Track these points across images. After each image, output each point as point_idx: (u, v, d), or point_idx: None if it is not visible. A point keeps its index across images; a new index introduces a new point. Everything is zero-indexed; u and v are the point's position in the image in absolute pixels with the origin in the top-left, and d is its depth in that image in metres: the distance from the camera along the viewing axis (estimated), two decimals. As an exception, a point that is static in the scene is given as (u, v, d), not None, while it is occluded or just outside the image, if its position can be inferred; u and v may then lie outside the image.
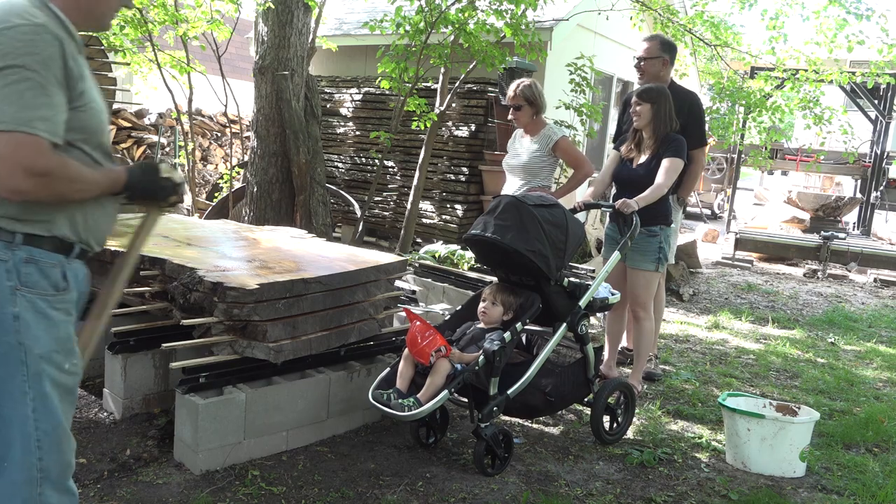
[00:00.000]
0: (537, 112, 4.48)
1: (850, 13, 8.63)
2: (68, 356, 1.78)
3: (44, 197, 1.65)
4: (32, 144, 1.57)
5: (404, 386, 3.13)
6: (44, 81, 1.59)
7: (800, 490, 3.26)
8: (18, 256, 1.68)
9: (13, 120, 1.55)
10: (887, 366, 5.43)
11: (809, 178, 18.82)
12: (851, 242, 10.31)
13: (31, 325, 1.69)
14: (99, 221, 1.85)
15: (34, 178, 1.58)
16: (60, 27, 1.69)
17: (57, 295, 1.74)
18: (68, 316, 1.78)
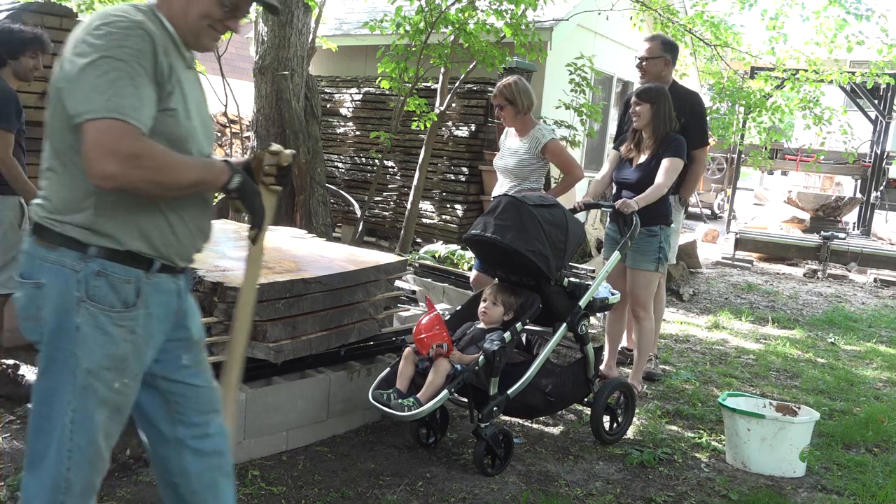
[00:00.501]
0: (521, 111, 4.29)
1: (850, 13, 8.63)
2: (121, 375, 1.74)
3: (135, 182, 1.59)
4: (120, 128, 1.55)
5: (404, 386, 3.13)
6: (133, 73, 1.58)
7: (800, 490, 3.26)
8: (90, 269, 1.67)
9: (102, 108, 1.55)
10: (887, 366, 5.43)
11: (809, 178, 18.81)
12: (851, 242, 10.31)
13: (87, 339, 1.68)
14: (181, 236, 1.79)
15: (122, 160, 1.55)
16: (161, 30, 1.70)
17: (122, 312, 1.71)
18: (131, 334, 1.74)
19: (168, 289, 1.82)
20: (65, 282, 1.67)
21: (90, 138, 1.55)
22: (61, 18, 4.81)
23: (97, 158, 1.54)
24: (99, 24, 1.61)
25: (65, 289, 1.67)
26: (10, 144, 3.40)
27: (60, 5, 5.09)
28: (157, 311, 1.80)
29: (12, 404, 3.52)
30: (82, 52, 1.58)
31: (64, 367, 1.69)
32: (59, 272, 1.67)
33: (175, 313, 1.88)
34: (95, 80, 1.56)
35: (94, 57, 1.57)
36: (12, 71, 3.52)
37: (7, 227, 3.53)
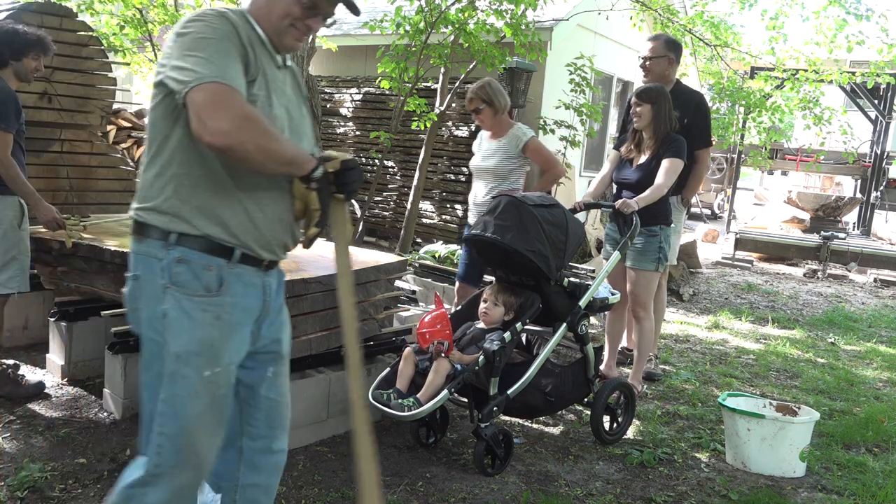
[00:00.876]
0: (498, 112, 4.23)
1: (850, 13, 8.64)
2: (211, 363, 1.73)
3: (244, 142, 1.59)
4: (230, 90, 1.60)
5: (404, 386, 3.13)
6: (227, 49, 1.65)
7: (800, 490, 3.26)
8: (172, 256, 1.70)
9: (208, 75, 1.59)
10: (887, 366, 5.43)
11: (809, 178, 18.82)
12: (851, 242, 10.31)
13: (173, 324, 1.70)
14: (260, 224, 1.78)
15: (233, 118, 1.57)
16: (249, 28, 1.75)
17: (206, 297, 1.72)
18: (217, 321, 1.74)
19: (252, 282, 1.81)
20: (151, 271, 1.72)
21: (199, 99, 1.57)
22: (61, 18, 4.81)
23: (209, 115, 1.56)
24: (186, 20, 1.70)
25: (152, 278, 1.72)
26: (9, 145, 3.40)
27: (60, 5, 5.09)
28: (242, 301, 1.79)
29: (12, 404, 3.52)
30: (176, 42, 1.65)
31: (156, 356, 1.73)
32: (147, 262, 1.73)
33: (261, 311, 1.86)
34: (195, 58, 1.60)
35: (187, 42, 1.63)
36: (14, 71, 3.52)
37: (7, 227, 3.53)
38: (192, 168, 1.70)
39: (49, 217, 3.60)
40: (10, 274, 3.56)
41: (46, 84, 4.64)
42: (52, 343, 3.99)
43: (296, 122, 1.88)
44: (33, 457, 3.00)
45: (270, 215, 1.80)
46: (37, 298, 4.31)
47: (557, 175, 4.29)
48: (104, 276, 3.68)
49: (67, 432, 3.27)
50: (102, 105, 5.10)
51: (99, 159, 5.11)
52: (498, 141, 4.25)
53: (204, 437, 1.77)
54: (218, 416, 1.79)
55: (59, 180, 4.85)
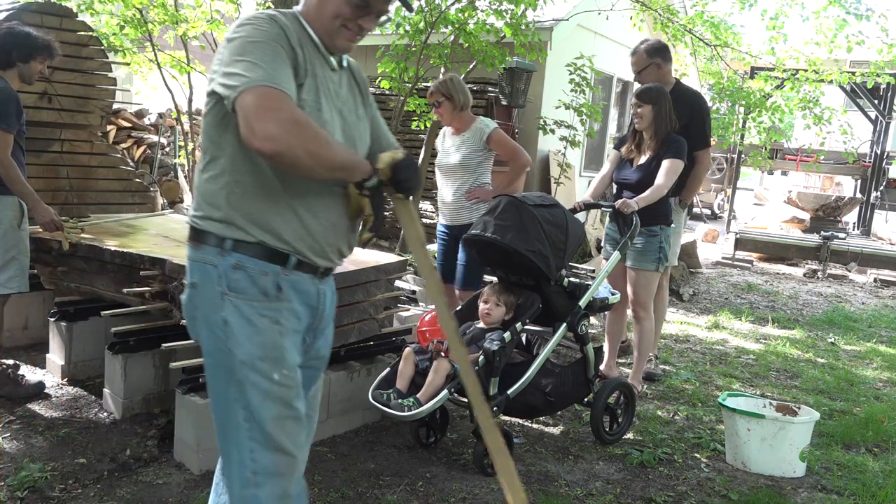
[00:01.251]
0: (458, 107, 4.18)
1: (850, 13, 8.64)
2: (278, 365, 1.71)
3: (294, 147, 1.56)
4: (279, 94, 1.58)
5: (404, 386, 3.13)
6: (276, 51, 1.63)
7: (800, 490, 3.26)
8: (227, 262, 1.69)
9: (257, 79, 1.57)
10: (887, 366, 5.43)
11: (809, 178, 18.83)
12: (851, 242, 10.31)
13: (235, 331, 1.69)
14: (313, 230, 1.74)
15: (282, 122, 1.54)
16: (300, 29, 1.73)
17: (265, 302, 1.71)
18: (276, 325, 1.72)
19: (307, 289, 1.79)
20: (209, 278, 1.71)
21: (248, 103, 1.55)
22: (61, 18, 4.81)
23: (258, 119, 1.54)
24: (236, 25, 1.69)
25: (210, 285, 1.70)
26: (10, 145, 3.40)
27: (60, 5, 5.09)
28: (297, 307, 1.77)
29: (12, 404, 3.52)
30: (226, 48, 1.64)
31: (222, 365, 1.72)
32: (204, 269, 1.71)
33: (313, 320, 1.84)
34: (243, 63, 1.59)
35: (235, 47, 1.62)
36: (18, 73, 3.53)
37: (7, 227, 3.53)
38: (244, 175, 1.68)
39: (47, 218, 3.60)
40: (9, 274, 3.57)
41: (46, 84, 4.64)
42: (52, 343, 3.99)
43: (350, 126, 1.83)
44: (33, 457, 3.00)
45: (324, 222, 1.76)
46: (37, 298, 4.31)
47: (523, 165, 4.23)
48: (104, 276, 3.68)
49: (67, 432, 3.27)
50: (102, 105, 5.09)
51: (99, 159, 5.11)
52: (461, 136, 4.23)
53: (289, 437, 1.74)
54: (297, 415, 1.76)
55: (59, 180, 4.85)
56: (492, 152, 4.21)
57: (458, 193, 4.20)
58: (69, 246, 3.70)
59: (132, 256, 3.49)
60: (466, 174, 4.19)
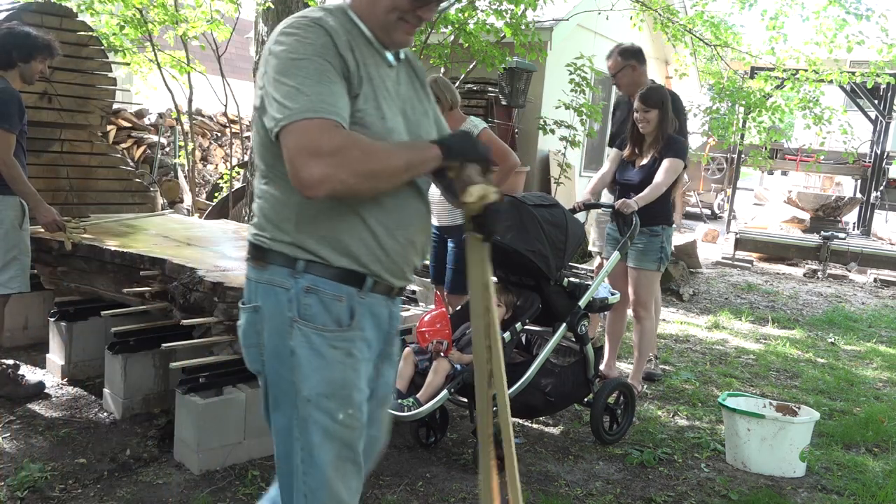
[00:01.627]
0: (447, 107, 4.11)
1: (850, 13, 8.63)
2: (343, 405, 1.58)
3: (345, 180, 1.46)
4: (316, 126, 1.45)
5: (403, 386, 3.13)
6: (320, 68, 1.49)
7: (800, 490, 3.26)
8: (300, 285, 1.56)
9: (296, 111, 1.46)
10: (887, 366, 5.43)
11: (809, 178, 18.82)
12: (851, 242, 10.31)
13: (302, 363, 1.56)
14: (390, 250, 1.62)
15: (325, 158, 1.43)
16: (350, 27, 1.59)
17: (337, 332, 1.57)
18: (348, 357, 1.59)
19: (380, 313, 1.67)
20: (277, 302, 1.57)
21: (289, 145, 1.46)
22: (61, 18, 4.81)
23: (301, 164, 1.44)
24: (281, 29, 1.55)
25: (277, 309, 1.57)
26: (12, 145, 3.40)
27: (60, 5, 5.09)
28: (369, 335, 1.65)
29: (12, 404, 3.52)
30: (270, 63, 1.52)
31: (286, 398, 1.59)
32: (271, 292, 1.58)
33: (385, 343, 1.72)
34: (285, 88, 1.48)
35: (279, 64, 1.50)
36: (19, 73, 3.53)
37: (8, 227, 3.53)
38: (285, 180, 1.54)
39: (49, 219, 3.60)
40: (11, 274, 3.57)
41: (46, 84, 4.64)
42: (52, 343, 3.99)
43: (415, 125, 1.70)
44: (33, 457, 3.01)
45: (401, 239, 1.64)
46: (37, 298, 4.31)
47: (512, 166, 4.19)
48: (104, 276, 3.68)
49: (67, 432, 3.27)
50: (102, 105, 5.10)
51: (99, 159, 5.11)
52: None
53: (344, 482, 1.63)
54: (356, 458, 1.64)
55: (59, 180, 4.85)
56: None
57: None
58: (71, 246, 3.70)
59: (132, 256, 3.49)
60: None
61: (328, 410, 1.57)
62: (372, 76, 1.59)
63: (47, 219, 3.60)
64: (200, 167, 10.23)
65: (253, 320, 1.62)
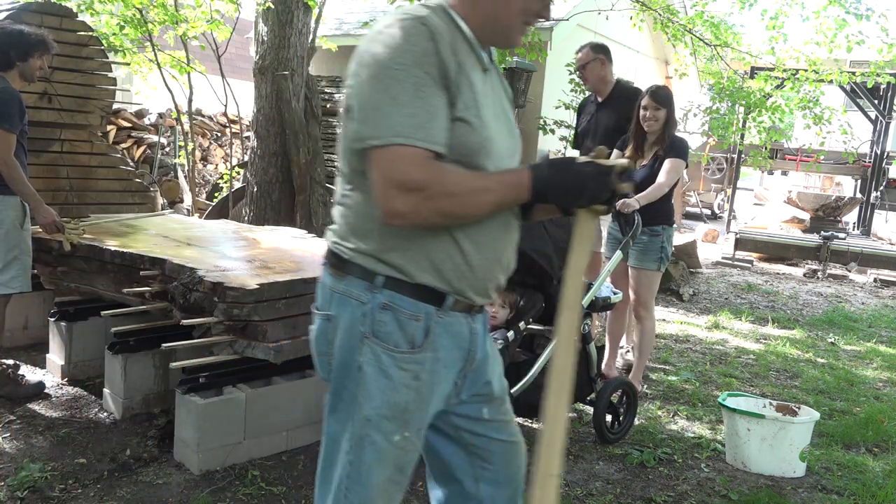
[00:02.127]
0: None
1: (850, 13, 8.62)
2: (402, 427, 1.55)
3: (426, 217, 1.43)
4: (407, 156, 1.38)
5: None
6: (418, 82, 1.39)
7: (800, 490, 3.26)
8: (377, 301, 1.49)
9: (387, 132, 1.38)
10: (887, 366, 5.43)
11: (809, 178, 18.82)
12: (851, 242, 10.31)
13: (368, 382, 1.51)
14: (477, 267, 1.55)
15: (408, 195, 1.38)
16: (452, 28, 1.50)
17: (407, 354, 1.51)
18: (415, 381, 1.53)
19: (460, 332, 1.59)
20: (351, 315, 1.52)
21: (376, 168, 1.41)
22: (61, 18, 4.81)
23: (384, 194, 1.40)
24: (382, 27, 1.46)
25: (351, 322, 1.52)
26: (13, 145, 3.40)
27: (60, 5, 5.09)
28: (445, 356, 1.57)
29: (12, 404, 3.52)
30: (364, 63, 1.44)
31: (346, 412, 1.56)
32: (347, 303, 1.52)
33: (465, 361, 1.63)
34: (377, 98, 1.40)
35: (374, 70, 1.41)
36: (19, 72, 3.53)
37: (9, 227, 3.53)
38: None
39: (49, 220, 3.60)
40: (12, 274, 3.57)
41: (46, 84, 4.64)
42: (52, 343, 3.99)
43: (510, 129, 1.64)
44: (33, 457, 3.00)
45: (489, 255, 1.57)
46: (37, 298, 4.31)
47: None
48: (104, 276, 3.68)
49: (67, 432, 3.27)
50: (102, 105, 5.10)
51: (99, 159, 5.11)
52: None
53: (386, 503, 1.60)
54: (401, 482, 1.62)
55: (59, 180, 4.85)
56: None
57: None
58: (70, 247, 3.70)
59: (132, 256, 3.49)
60: None
61: (386, 432, 1.54)
62: (472, 81, 1.50)
63: (47, 220, 3.60)
64: (200, 167, 10.23)
65: (325, 328, 1.57)
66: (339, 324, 1.54)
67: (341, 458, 1.57)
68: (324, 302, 1.59)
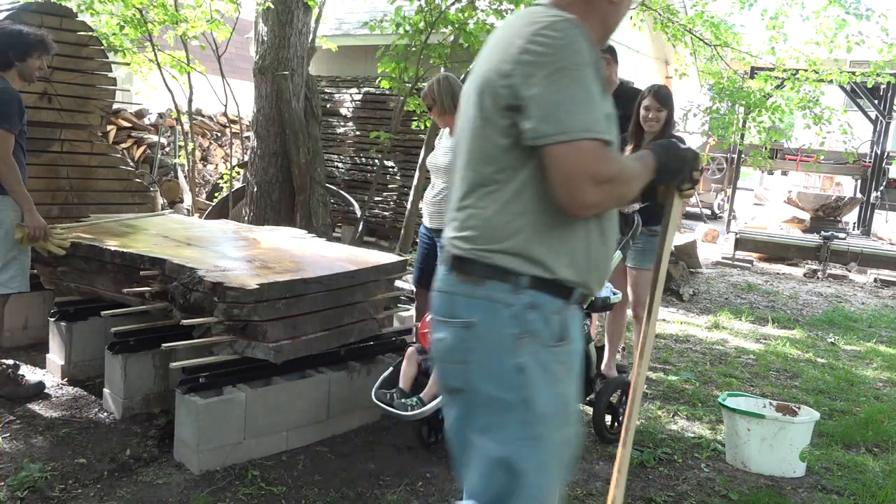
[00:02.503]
0: (444, 111, 4.10)
1: (850, 13, 8.64)
2: (567, 420, 1.57)
3: (609, 205, 1.53)
4: (596, 150, 1.42)
5: (407, 385, 3.14)
6: (587, 79, 1.44)
7: (800, 490, 3.26)
8: (522, 301, 1.50)
9: (576, 128, 1.41)
10: (887, 366, 5.43)
11: (809, 178, 18.82)
12: (851, 242, 10.31)
13: (534, 381, 1.50)
14: (601, 257, 1.60)
15: (601, 186, 1.43)
16: None
17: (560, 347, 1.54)
18: (570, 372, 1.57)
19: (579, 323, 1.63)
20: (496, 319, 1.51)
21: (564, 163, 1.42)
22: (61, 18, 4.81)
23: (579, 187, 1.42)
24: (540, 28, 1.46)
25: (497, 327, 1.50)
26: (12, 145, 3.40)
27: (60, 5, 5.09)
28: (577, 347, 1.61)
29: (12, 404, 3.52)
30: (536, 64, 1.44)
31: (510, 419, 1.51)
32: (490, 308, 1.51)
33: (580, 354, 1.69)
34: (559, 96, 1.42)
35: (551, 70, 1.43)
36: (18, 72, 3.53)
37: (8, 228, 3.53)
38: (547, 205, 1.48)
39: (37, 225, 3.56)
40: (10, 274, 3.57)
41: (46, 84, 4.64)
42: (52, 343, 3.99)
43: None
44: (33, 457, 3.01)
45: (610, 246, 1.64)
46: (37, 298, 4.31)
47: None
48: (104, 276, 3.68)
49: (67, 432, 3.27)
50: (102, 105, 5.09)
51: (99, 159, 5.11)
52: (449, 138, 4.19)
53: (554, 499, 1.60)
54: (560, 479, 1.64)
55: (59, 180, 4.85)
56: None
57: (439, 196, 4.18)
58: (48, 255, 3.70)
59: (132, 256, 3.49)
60: (448, 177, 4.16)
61: (556, 427, 1.54)
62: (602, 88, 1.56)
63: (35, 225, 3.56)
64: (200, 167, 10.24)
65: (463, 337, 1.54)
66: (483, 330, 1.51)
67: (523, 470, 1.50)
68: (456, 310, 1.56)
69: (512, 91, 1.46)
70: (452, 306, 1.56)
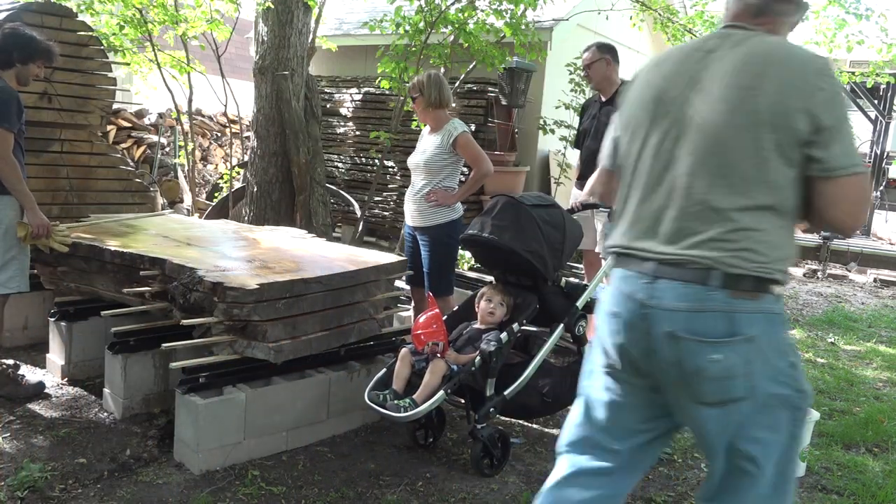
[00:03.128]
0: (432, 105, 4.12)
1: (850, 13, 8.63)
2: None
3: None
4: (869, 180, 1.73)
5: (400, 387, 3.13)
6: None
7: (800, 490, 3.26)
8: (781, 307, 1.74)
9: (859, 160, 1.65)
10: (887, 366, 5.43)
11: (809, 177, 18.80)
12: (851, 242, 10.31)
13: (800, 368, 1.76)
14: None
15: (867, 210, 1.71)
16: None
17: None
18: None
19: None
20: (774, 328, 1.70)
21: (852, 191, 1.64)
22: (61, 18, 4.81)
23: (859, 211, 1.67)
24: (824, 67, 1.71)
25: (775, 335, 1.70)
26: (11, 144, 3.41)
27: (60, 5, 5.09)
28: None
29: (12, 404, 3.52)
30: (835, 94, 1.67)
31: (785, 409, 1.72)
32: (768, 320, 1.69)
33: None
34: (850, 133, 1.65)
35: (841, 101, 1.67)
36: (15, 74, 3.54)
37: (7, 226, 3.53)
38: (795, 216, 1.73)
39: (40, 223, 3.57)
40: (9, 273, 3.57)
41: (46, 84, 4.65)
42: (52, 343, 3.99)
43: None
44: (33, 457, 3.01)
45: None
46: (37, 298, 4.31)
47: (484, 174, 4.18)
48: (104, 276, 3.69)
49: (67, 432, 3.28)
50: (102, 105, 5.10)
51: (99, 159, 5.12)
52: (433, 136, 4.21)
53: None
54: None
55: (59, 180, 4.86)
56: (459, 156, 4.15)
57: (419, 194, 4.18)
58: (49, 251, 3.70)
59: (132, 256, 3.50)
60: (430, 175, 4.16)
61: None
62: None
63: (38, 223, 3.57)
64: (200, 167, 10.24)
65: (747, 350, 1.66)
66: (764, 340, 1.67)
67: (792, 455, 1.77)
68: (735, 327, 1.66)
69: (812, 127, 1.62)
70: (727, 325, 1.66)
